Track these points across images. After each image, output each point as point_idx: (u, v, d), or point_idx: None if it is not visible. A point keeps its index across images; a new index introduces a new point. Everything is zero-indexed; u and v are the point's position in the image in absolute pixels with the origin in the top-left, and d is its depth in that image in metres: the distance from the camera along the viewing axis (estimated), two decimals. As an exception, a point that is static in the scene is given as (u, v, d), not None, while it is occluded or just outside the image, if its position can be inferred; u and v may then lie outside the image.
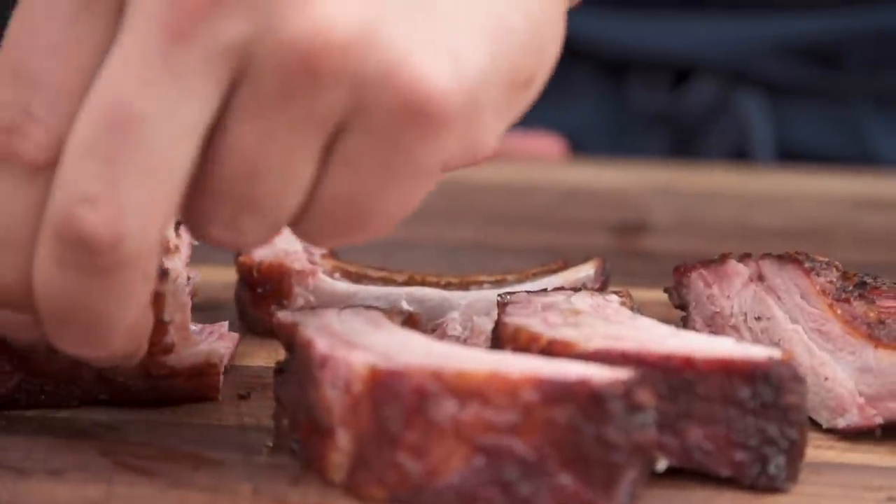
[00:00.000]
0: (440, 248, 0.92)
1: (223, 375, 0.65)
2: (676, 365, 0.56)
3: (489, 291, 0.71)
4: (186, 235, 0.69)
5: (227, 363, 0.67)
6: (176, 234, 0.65)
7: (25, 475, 0.57)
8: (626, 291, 0.65)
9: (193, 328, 0.66)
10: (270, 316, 0.62)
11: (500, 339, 0.61)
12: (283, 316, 0.60)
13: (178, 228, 0.65)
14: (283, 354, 0.59)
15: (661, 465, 0.57)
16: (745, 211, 1.04)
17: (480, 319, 0.69)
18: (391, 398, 0.54)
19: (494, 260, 0.89)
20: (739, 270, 0.68)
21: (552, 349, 0.58)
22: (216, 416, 0.63)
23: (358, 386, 0.55)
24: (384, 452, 0.54)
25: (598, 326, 0.60)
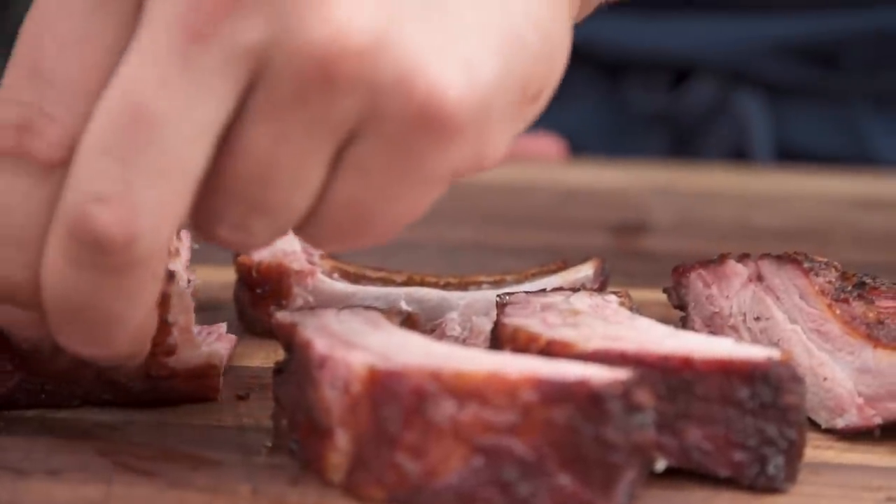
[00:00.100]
0: (439, 248, 0.92)
1: (222, 376, 0.65)
2: (675, 365, 0.56)
3: (488, 292, 0.71)
4: (186, 239, 0.69)
5: (225, 364, 0.67)
6: (176, 237, 0.65)
7: (24, 475, 0.57)
8: (624, 292, 0.65)
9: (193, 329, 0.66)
10: (269, 316, 0.63)
11: (498, 339, 0.61)
12: (281, 316, 0.60)
13: (178, 232, 0.65)
14: (281, 355, 0.59)
15: (659, 465, 0.57)
16: (744, 211, 1.04)
17: (479, 320, 0.69)
18: (390, 398, 0.54)
19: (493, 260, 0.89)
20: (738, 271, 0.68)
21: (551, 349, 0.58)
22: (215, 416, 0.63)
23: (357, 386, 0.54)
24: (383, 453, 0.54)
25: (596, 327, 0.60)
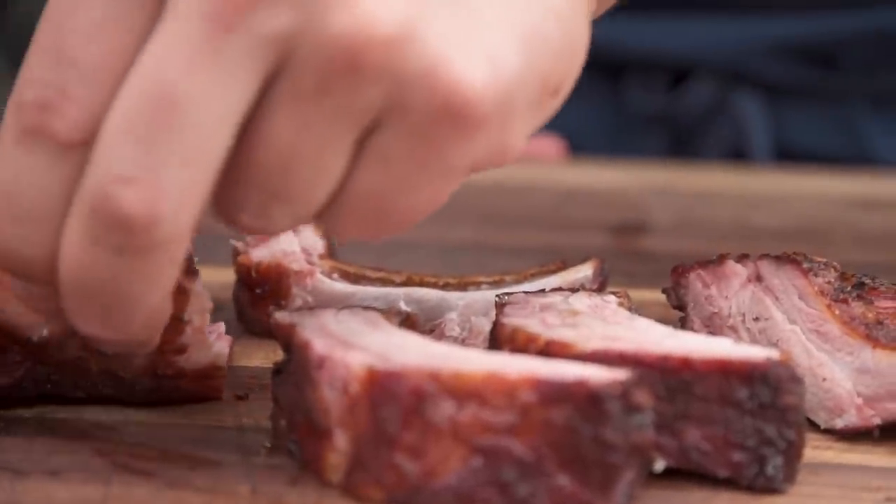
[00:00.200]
0: (438, 248, 0.92)
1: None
2: (674, 365, 0.56)
3: (487, 292, 0.71)
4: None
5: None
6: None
7: (23, 475, 0.57)
8: (623, 292, 0.65)
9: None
10: (268, 316, 0.62)
11: (497, 339, 0.61)
12: (280, 316, 0.60)
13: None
14: (280, 355, 0.59)
15: (658, 465, 0.57)
16: (743, 211, 1.04)
17: (478, 320, 0.69)
18: (389, 399, 0.54)
19: (493, 260, 0.89)
20: (737, 271, 0.68)
21: (550, 350, 0.58)
22: (214, 416, 0.63)
23: (355, 387, 0.54)
24: (382, 453, 0.54)
25: (595, 327, 0.60)
